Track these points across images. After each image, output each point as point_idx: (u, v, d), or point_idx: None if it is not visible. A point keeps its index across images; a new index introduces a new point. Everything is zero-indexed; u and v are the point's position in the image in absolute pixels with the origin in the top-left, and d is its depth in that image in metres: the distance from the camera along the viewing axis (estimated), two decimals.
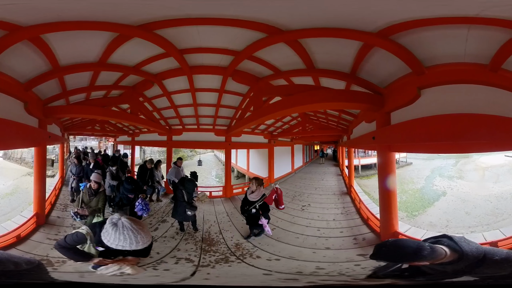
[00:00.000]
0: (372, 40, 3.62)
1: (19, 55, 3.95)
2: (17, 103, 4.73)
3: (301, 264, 4.74)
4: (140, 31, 3.80)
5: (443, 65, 3.75)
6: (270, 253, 5.12)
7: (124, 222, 3.03)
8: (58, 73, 4.79)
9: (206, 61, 4.96)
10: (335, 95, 4.69)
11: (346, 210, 7.32)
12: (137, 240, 2.99)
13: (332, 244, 5.45)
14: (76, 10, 3.29)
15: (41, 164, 6.17)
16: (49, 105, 5.70)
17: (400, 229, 5.04)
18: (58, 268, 4.14)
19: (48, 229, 5.65)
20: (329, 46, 4.12)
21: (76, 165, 7.65)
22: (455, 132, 3.54)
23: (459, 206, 10.14)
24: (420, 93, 3.94)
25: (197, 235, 5.84)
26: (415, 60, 3.75)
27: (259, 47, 4.20)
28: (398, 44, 3.60)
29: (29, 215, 5.77)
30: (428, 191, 11.14)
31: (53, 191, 7.65)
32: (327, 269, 4.44)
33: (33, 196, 5.94)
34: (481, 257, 2.46)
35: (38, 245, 4.95)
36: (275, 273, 4.43)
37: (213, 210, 7.21)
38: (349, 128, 8.20)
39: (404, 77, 4.15)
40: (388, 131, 4.72)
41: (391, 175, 4.99)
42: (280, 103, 5.19)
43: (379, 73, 4.43)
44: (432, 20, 3.15)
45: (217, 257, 5.01)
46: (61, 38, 3.91)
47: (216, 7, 3.36)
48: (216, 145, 9.50)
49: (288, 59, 4.62)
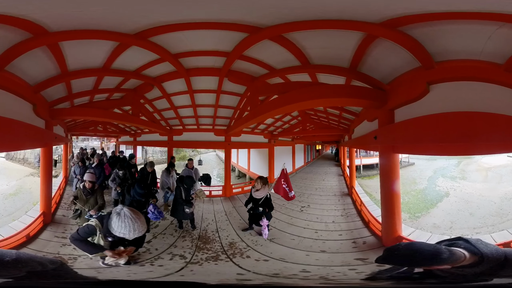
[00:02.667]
0: (377, 30, 3.31)
1: (32, 58, 4.02)
2: (27, 105, 4.87)
3: (287, 266, 4.64)
4: (136, 40, 3.92)
5: (455, 61, 3.44)
6: (261, 254, 5.08)
7: (125, 212, 3.53)
8: (66, 78, 4.96)
9: (200, 63, 5.01)
10: (334, 91, 4.40)
11: (346, 212, 7.21)
12: (134, 228, 3.47)
13: (329, 247, 5.30)
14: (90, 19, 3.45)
15: (47, 164, 6.29)
16: (55, 107, 5.86)
17: (403, 233, 4.77)
18: (71, 264, 4.25)
19: (55, 227, 5.77)
20: (323, 40, 3.89)
21: (80, 166, 7.62)
22: (467, 132, 3.24)
23: (462, 207, 10.04)
24: (429, 89, 3.61)
25: (195, 233, 5.87)
26: (426, 53, 3.43)
27: (245, 46, 4.14)
28: (407, 36, 3.30)
29: (35, 214, 5.90)
30: (431, 192, 11.06)
31: (58, 191, 7.81)
32: (313, 272, 4.36)
33: (39, 195, 6.07)
34: (502, 259, 2.43)
35: (47, 243, 5.03)
36: (251, 273, 4.35)
37: (212, 209, 7.28)
38: (350, 127, 8.09)
39: (411, 72, 3.84)
40: (391, 130, 4.37)
41: (395, 178, 4.66)
42: (276, 101, 5.01)
43: (382, 67, 4.14)
44: (455, 14, 2.88)
45: (209, 255, 5.01)
46: (73, 45, 4.07)
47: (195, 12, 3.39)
48: (216, 145, 9.55)
49: (280, 57, 4.51)
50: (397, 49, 3.55)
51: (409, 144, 4.30)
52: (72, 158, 9.41)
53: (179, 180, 6.12)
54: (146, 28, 3.72)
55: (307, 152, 13.05)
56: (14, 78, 4.30)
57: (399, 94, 3.99)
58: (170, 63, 4.90)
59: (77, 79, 5.21)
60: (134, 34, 3.83)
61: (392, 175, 4.70)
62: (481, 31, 3.07)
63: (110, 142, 11.76)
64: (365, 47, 3.81)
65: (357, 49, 3.91)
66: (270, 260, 4.87)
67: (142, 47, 4.20)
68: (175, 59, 4.71)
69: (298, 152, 11.60)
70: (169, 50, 4.47)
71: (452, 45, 3.35)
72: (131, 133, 10.40)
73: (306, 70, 4.71)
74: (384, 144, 4.68)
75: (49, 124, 5.97)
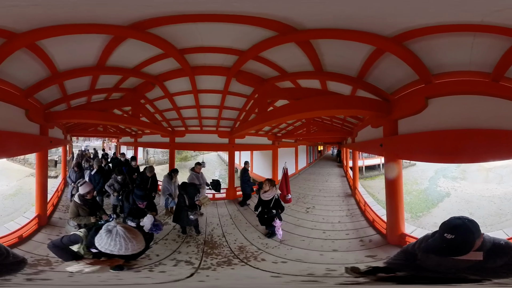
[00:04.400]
0: (386, 45, 3.50)
1: (19, 62, 3.89)
2: (19, 111, 4.76)
3: (310, 266, 4.65)
4: (132, 31, 3.57)
5: (449, 74, 3.72)
6: (275, 256, 5.05)
7: (118, 230, 3.11)
8: (57, 79, 4.70)
9: (208, 61, 4.73)
10: (344, 102, 4.55)
11: (351, 212, 7.27)
12: (127, 247, 3.09)
13: (339, 246, 5.39)
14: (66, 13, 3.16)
15: (42, 168, 6.21)
16: (50, 110, 5.67)
17: (406, 231, 5.03)
18: (55, 267, 4.15)
19: (50, 230, 5.69)
20: (340, 48, 3.90)
21: (75, 171, 7.24)
22: (457, 148, 3.66)
23: (463, 207, 10.11)
24: (427, 103, 3.93)
25: (200, 238, 5.77)
26: (424, 68, 3.70)
27: (267, 46, 3.92)
28: (409, 51, 3.52)
29: (31, 216, 5.82)
30: (432, 192, 11.11)
31: (55, 193, 7.66)
32: (339, 270, 4.34)
33: (35, 198, 5.99)
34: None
35: (39, 246, 4.94)
36: (283, 275, 4.32)
37: (216, 213, 7.18)
38: (353, 130, 8.14)
39: (411, 85, 4.09)
40: (395, 141, 4.73)
41: (398, 180, 4.96)
42: (287, 108, 5.09)
43: (387, 79, 4.30)
44: (440, 28, 3.09)
45: (219, 260, 4.93)
46: (57, 43, 3.78)
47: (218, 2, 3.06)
48: (219, 147, 9.46)
49: (296, 61, 4.38)
50: (400, 62, 3.71)
51: (411, 154, 4.71)
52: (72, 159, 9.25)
53: (182, 188, 5.92)
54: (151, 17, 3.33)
55: (310, 153, 13.01)
56: (4, 84, 4.17)
57: (401, 107, 4.31)
58: (174, 60, 4.54)
59: (72, 80, 4.95)
60: (130, 25, 3.44)
61: (396, 178, 4.96)
62: (464, 42, 3.30)
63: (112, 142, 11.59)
64: (375, 59, 3.93)
65: (367, 60, 4.01)
66: (288, 262, 4.86)
67: (142, 40, 3.81)
68: (181, 55, 4.36)
69: (301, 153, 11.56)
70: (174, 45, 4.08)
71: (444, 58, 3.58)
72: (132, 134, 10.23)
73: (317, 76, 4.69)
74: (389, 152, 5.04)
75: (44, 128, 5.86)
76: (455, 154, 3.72)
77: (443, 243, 2.56)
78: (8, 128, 4.35)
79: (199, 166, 7.14)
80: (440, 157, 3.95)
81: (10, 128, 4.41)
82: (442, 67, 3.71)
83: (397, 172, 4.94)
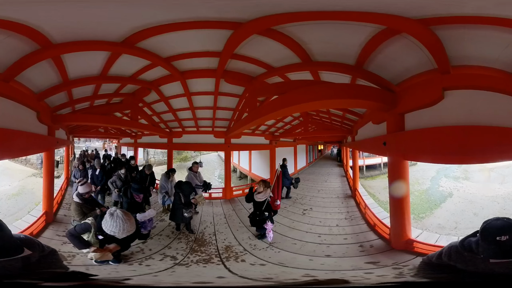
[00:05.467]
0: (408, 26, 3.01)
1: (37, 68, 4.13)
2: (30, 112, 5.08)
3: (285, 270, 4.44)
4: (124, 47, 3.91)
5: (469, 67, 3.32)
6: (258, 258, 4.90)
7: (118, 213, 3.91)
8: (67, 86, 5.13)
9: (195, 65, 4.88)
10: (338, 91, 3.98)
11: (350, 215, 6.94)
12: (123, 228, 3.85)
13: (334, 251, 5.02)
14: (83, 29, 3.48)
15: (49, 167, 6.46)
16: (57, 113, 6.04)
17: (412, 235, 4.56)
18: (70, 261, 4.37)
19: (57, 226, 5.88)
20: (326, 34, 3.53)
21: (80, 170, 7.58)
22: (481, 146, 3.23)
23: (466, 207, 9.93)
24: (444, 95, 3.42)
25: (192, 235, 5.81)
26: (445, 56, 3.21)
27: (234, 44, 3.86)
28: (435, 36, 3.03)
29: (37, 214, 6.03)
30: (434, 192, 10.95)
31: (59, 192, 7.86)
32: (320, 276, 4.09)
33: (42, 195, 6.23)
34: None
35: (49, 241, 5.05)
36: (238, 277, 4.17)
37: (211, 212, 7.23)
38: (353, 128, 7.93)
39: (424, 74, 3.61)
40: (402, 138, 4.11)
41: (404, 183, 4.43)
42: (275, 102, 4.66)
43: (393, 67, 3.81)
44: (480, 19, 2.76)
45: (200, 258, 4.92)
46: (72, 55, 4.16)
47: (176, 12, 3.25)
48: (216, 147, 9.53)
49: (279, 54, 4.17)
50: (413, 48, 3.32)
51: (422, 154, 4.00)
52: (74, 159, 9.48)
53: (177, 186, 6.07)
54: (130, 33, 3.64)
55: (309, 153, 12.98)
56: (22, 88, 4.47)
57: (411, 98, 3.75)
58: (162, 67, 4.84)
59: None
60: (121, 41, 3.79)
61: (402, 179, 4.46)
62: (501, 39, 2.95)
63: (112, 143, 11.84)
64: (377, 44, 3.48)
65: (366, 45, 3.57)
66: (267, 264, 4.71)
67: (132, 55, 4.17)
68: (167, 62, 4.62)
69: (300, 153, 11.53)
70: (159, 55, 4.38)
71: (469, 50, 3.21)
72: (132, 135, 10.43)
73: (307, 67, 4.39)
74: (394, 151, 4.44)
75: (51, 129, 6.13)
76: (477, 153, 3.23)
77: (502, 247, 2.39)
78: (21, 128, 4.59)
79: (197, 165, 7.28)
80: (458, 157, 3.47)
81: (23, 128, 4.65)
82: (462, 59, 3.29)
83: (403, 173, 4.40)
